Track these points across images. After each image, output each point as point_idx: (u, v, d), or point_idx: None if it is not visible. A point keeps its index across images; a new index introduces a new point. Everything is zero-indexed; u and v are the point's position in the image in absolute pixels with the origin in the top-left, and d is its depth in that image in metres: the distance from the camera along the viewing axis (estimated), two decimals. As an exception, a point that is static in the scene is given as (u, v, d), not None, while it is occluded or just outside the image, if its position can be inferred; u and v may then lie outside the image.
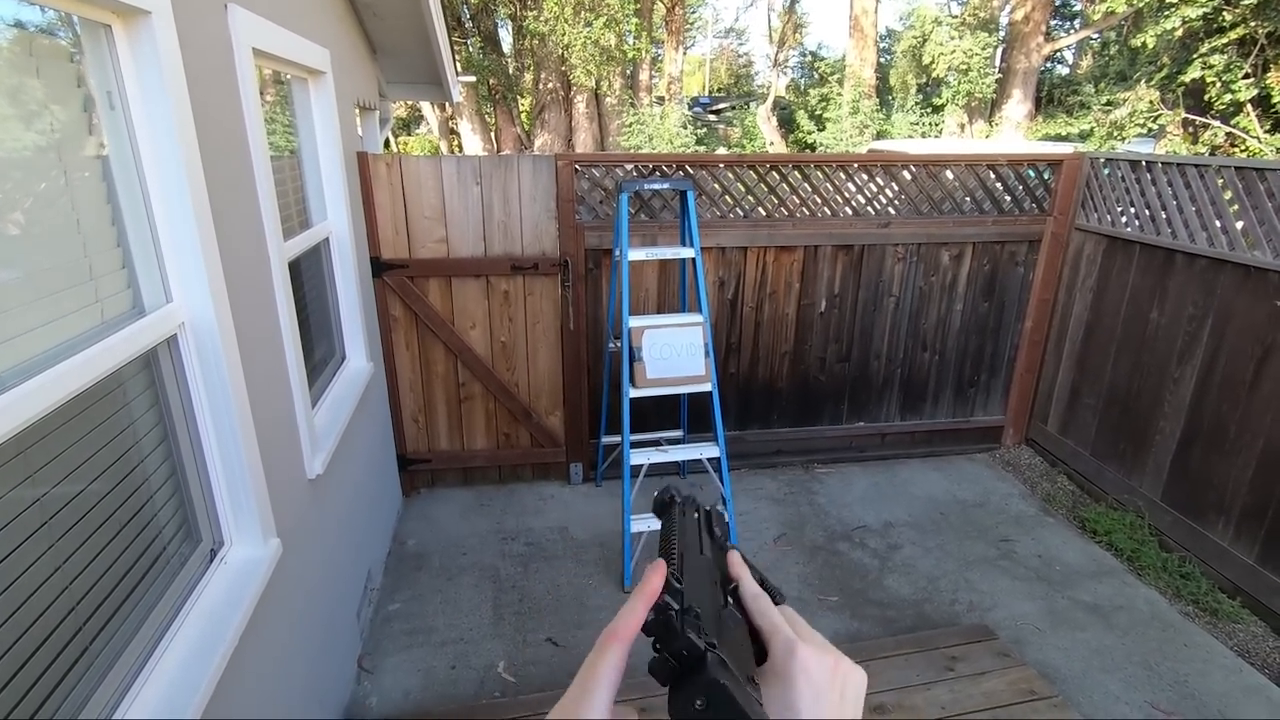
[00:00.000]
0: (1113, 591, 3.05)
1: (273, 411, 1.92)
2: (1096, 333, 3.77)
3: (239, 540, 1.70)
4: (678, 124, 15.74)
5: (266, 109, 2.58)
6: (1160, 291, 3.35)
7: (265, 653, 1.72)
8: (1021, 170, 3.86)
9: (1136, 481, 3.48)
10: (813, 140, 15.99)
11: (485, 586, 3.07)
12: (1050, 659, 2.67)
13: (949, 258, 3.92)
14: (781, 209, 3.72)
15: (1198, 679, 2.57)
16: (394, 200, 3.37)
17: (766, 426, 4.09)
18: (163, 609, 1.42)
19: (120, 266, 1.41)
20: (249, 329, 1.78)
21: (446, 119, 16.32)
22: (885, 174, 3.77)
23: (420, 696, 2.48)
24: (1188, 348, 3.21)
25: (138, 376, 1.46)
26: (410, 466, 3.77)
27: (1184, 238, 3.21)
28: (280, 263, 2.05)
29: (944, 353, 4.10)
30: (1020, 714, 2.23)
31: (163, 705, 1.27)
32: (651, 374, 3.01)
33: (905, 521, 3.58)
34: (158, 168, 1.44)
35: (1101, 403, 3.72)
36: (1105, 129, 12.06)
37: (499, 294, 3.58)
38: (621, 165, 3.60)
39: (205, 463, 1.61)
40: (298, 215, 2.67)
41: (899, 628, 2.84)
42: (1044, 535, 3.46)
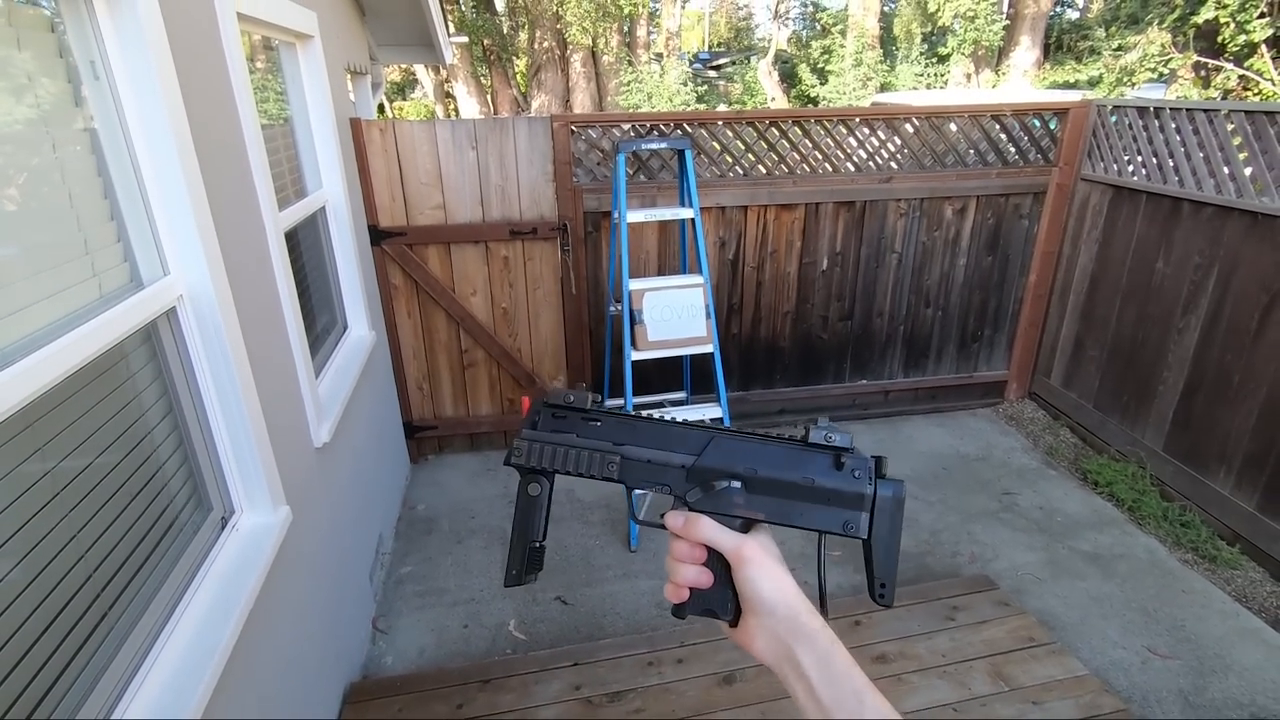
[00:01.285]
0: (1113, 541, 3.09)
1: (276, 382, 1.93)
2: (1101, 284, 3.74)
3: (249, 508, 1.73)
4: (677, 81, 15.43)
5: (256, 76, 2.54)
6: (1166, 241, 3.31)
7: (280, 616, 1.77)
8: (1027, 120, 3.78)
9: (1139, 433, 3.50)
10: (815, 94, 15.65)
11: (494, 548, 3.13)
12: (1050, 607, 2.72)
13: (952, 212, 3.87)
14: (782, 166, 3.67)
15: (1195, 623, 2.62)
16: (389, 166, 3.34)
17: (769, 386, 4.10)
18: (177, 576, 1.45)
19: (115, 240, 1.41)
20: (248, 300, 1.78)
21: (441, 82, 16.02)
22: (887, 128, 3.70)
23: (434, 654, 2.55)
24: (1193, 297, 3.18)
25: (139, 349, 1.47)
26: (417, 434, 3.81)
27: (1191, 186, 3.16)
28: (276, 233, 2.04)
29: (947, 308, 4.09)
30: (1019, 660, 2.29)
31: (181, 667, 1.31)
32: (653, 336, 3.02)
33: (908, 477, 3.61)
34: (146, 138, 1.42)
35: (1105, 355, 3.72)
36: (1115, 75, 11.76)
37: (498, 260, 3.57)
38: (618, 125, 3.54)
39: (212, 433, 1.63)
40: (293, 184, 2.65)
41: (901, 579, 2.87)
42: (1046, 487, 3.49)
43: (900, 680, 2.22)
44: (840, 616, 2.50)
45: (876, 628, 2.45)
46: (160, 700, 1.24)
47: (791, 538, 0.73)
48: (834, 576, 2.91)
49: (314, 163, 2.83)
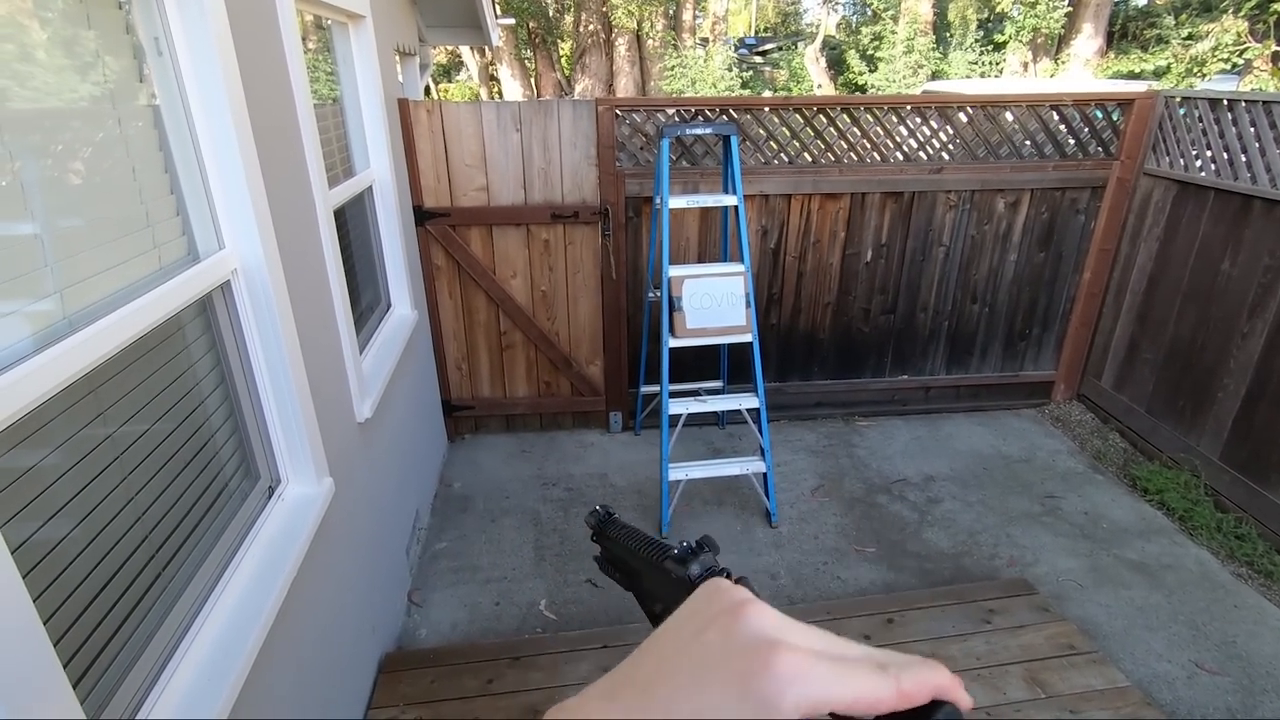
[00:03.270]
0: (1161, 550, 2.98)
1: (322, 357, 1.98)
2: (1160, 285, 3.58)
3: (295, 479, 1.78)
4: (722, 66, 15.21)
5: (308, 55, 2.58)
6: (1234, 240, 3.16)
7: (322, 583, 1.82)
8: (1088, 111, 3.63)
9: (1194, 440, 3.36)
10: (864, 82, 15.28)
11: (527, 529, 3.17)
12: (1092, 615, 2.65)
13: (1004, 205, 3.75)
14: (828, 154, 3.59)
15: (1247, 640, 2.52)
16: (435, 147, 3.37)
17: (807, 378, 4.05)
18: (226, 541, 1.50)
19: (175, 214, 1.45)
20: (298, 276, 1.82)
21: (486, 65, 16.09)
22: (939, 116, 3.59)
23: (467, 629, 2.60)
24: (1260, 300, 3.03)
25: (195, 321, 1.51)
26: (455, 412, 3.87)
27: (1264, 182, 3.00)
28: (326, 210, 2.08)
29: (994, 305, 3.97)
30: (1057, 667, 2.23)
31: (230, 626, 1.36)
32: (691, 324, 3.00)
33: (947, 475, 3.54)
34: (206, 115, 1.46)
35: (1161, 357, 3.57)
36: (1184, 65, 11.22)
37: (539, 243, 3.58)
38: (663, 110, 3.51)
39: (261, 405, 1.68)
40: (341, 163, 2.70)
41: (936, 580, 2.84)
42: (1092, 492, 3.38)
43: (932, 681, 2.19)
44: (873, 613, 2.47)
45: (910, 626, 2.41)
46: (209, 659, 1.29)
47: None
48: (867, 573, 2.89)
49: (362, 142, 2.87)
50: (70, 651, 1.05)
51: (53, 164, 1.13)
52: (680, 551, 0.47)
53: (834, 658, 0.28)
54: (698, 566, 0.45)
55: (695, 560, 0.46)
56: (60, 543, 1.06)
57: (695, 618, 0.32)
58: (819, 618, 2.41)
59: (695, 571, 0.45)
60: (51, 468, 1.06)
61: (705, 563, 0.45)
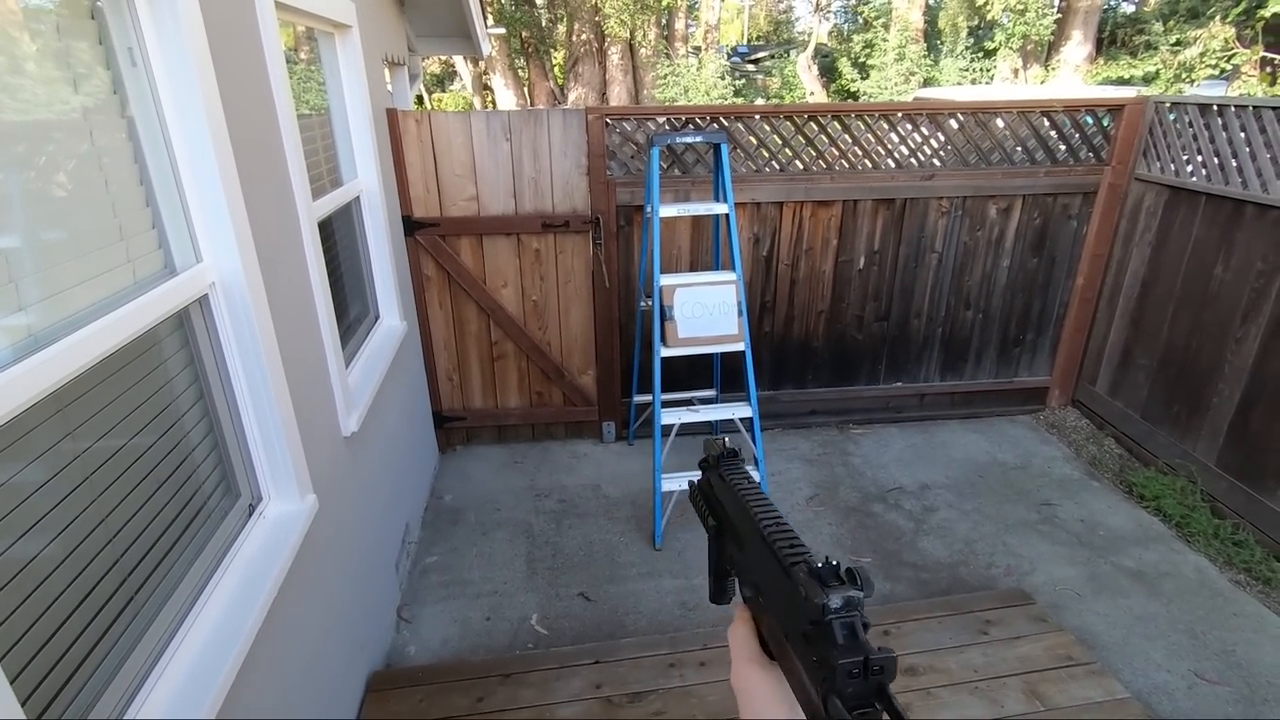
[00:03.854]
0: (1159, 558, 2.96)
1: (306, 370, 1.94)
2: (1154, 290, 3.58)
3: (276, 496, 1.74)
4: (715, 75, 15.29)
5: (296, 66, 2.56)
6: (1226, 245, 3.15)
7: (305, 603, 1.78)
8: (1078, 117, 3.63)
9: (1190, 445, 3.34)
10: (855, 89, 15.37)
11: (519, 541, 3.12)
12: (1090, 625, 2.62)
13: (996, 211, 3.74)
14: (819, 162, 3.58)
15: (1246, 648, 2.49)
16: (424, 158, 3.35)
17: (801, 386, 4.02)
18: (205, 560, 1.47)
19: (150, 227, 1.42)
20: (280, 289, 1.79)
21: (479, 74, 16.12)
22: (930, 123, 3.59)
23: (457, 646, 2.56)
24: (1254, 305, 3.02)
25: (172, 336, 1.48)
26: (446, 424, 3.83)
27: (1256, 187, 2.99)
28: (310, 222, 2.05)
29: (988, 311, 3.96)
30: (1056, 679, 2.20)
31: (207, 649, 1.32)
32: (683, 333, 2.97)
33: (943, 483, 3.52)
34: (182, 126, 1.43)
35: (1156, 363, 3.56)
36: (1173, 71, 11.30)
37: (530, 252, 3.56)
38: (653, 118, 3.50)
39: (241, 421, 1.64)
40: (328, 174, 2.67)
41: (933, 590, 2.81)
42: (1088, 499, 3.36)
43: (930, 694, 2.15)
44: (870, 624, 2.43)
45: (906, 638, 2.38)
46: (185, 683, 1.25)
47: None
48: (863, 583, 2.84)
49: (349, 153, 2.85)
50: (32, 683, 1.01)
51: (22, 176, 1.10)
52: (823, 569, 0.42)
53: None
54: (839, 599, 0.40)
55: (838, 591, 0.40)
56: (26, 565, 1.02)
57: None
58: (814, 630, 2.37)
59: (835, 605, 0.40)
60: (15, 486, 1.02)
61: (850, 600, 0.40)
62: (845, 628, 0.39)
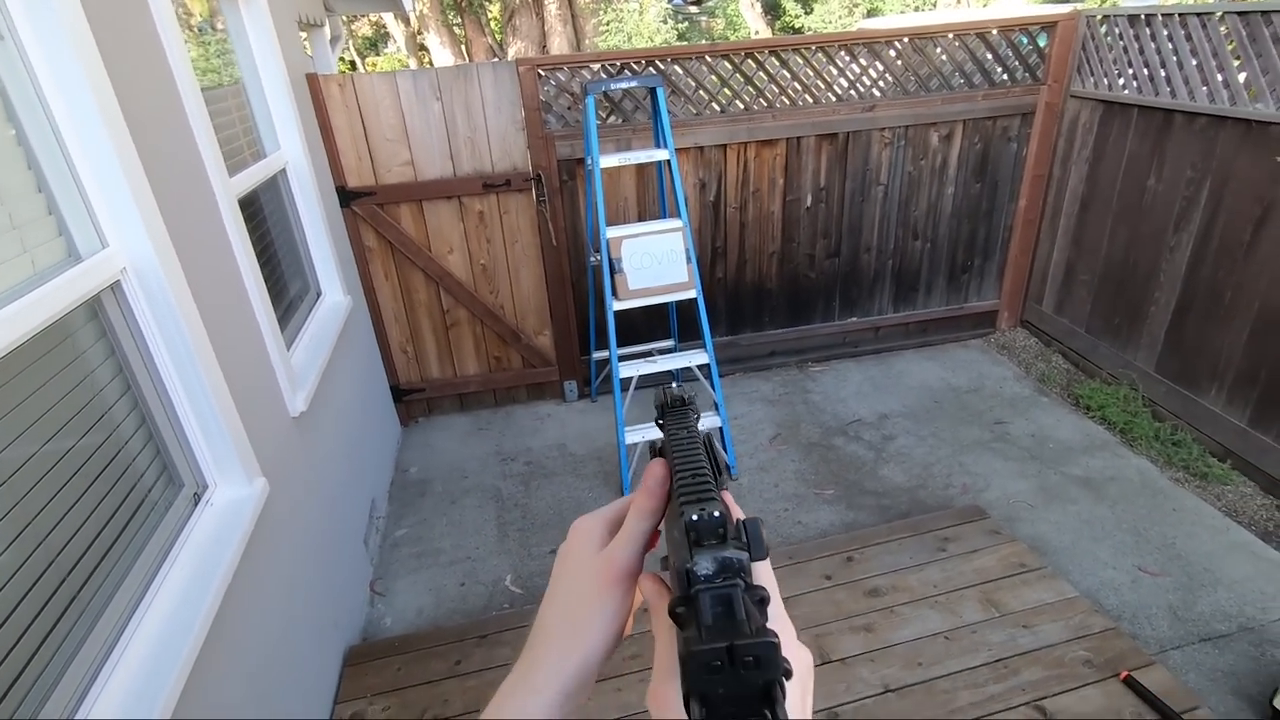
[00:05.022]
0: (1104, 464, 3.09)
1: (241, 352, 1.88)
2: (1092, 206, 3.65)
3: (223, 482, 1.70)
4: (657, 19, 14.86)
5: (204, 35, 2.41)
6: (1158, 156, 3.21)
7: (264, 587, 1.76)
8: (1014, 37, 3.62)
9: (1131, 355, 3.46)
10: (800, 24, 15.10)
11: (488, 506, 3.13)
12: (1042, 533, 2.74)
13: (938, 139, 3.75)
14: (760, 100, 3.53)
15: (1185, 540, 2.64)
16: (352, 124, 3.21)
17: (759, 329, 4.05)
18: (150, 554, 1.44)
19: (46, 213, 1.34)
20: (203, 271, 1.72)
21: (413, 34, 15.43)
22: (869, 53, 3.55)
23: (433, 613, 2.58)
24: (1185, 213, 3.10)
25: (86, 327, 1.41)
26: (405, 397, 3.78)
27: (1184, 96, 3.04)
28: (229, 199, 1.96)
29: (936, 240, 4.00)
30: (1010, 586, 2.31)
31: (160, 642, 1.30)
32: (634, 285, 2.95)
33: (900, 412, 3.60)
34: (66, 104, 1.34)
35: (1097, 278, 3.65)
36: (1109, -15, 11.29)
37: (473, 215, 3.47)
38: (588, 66, 3.39)
39: (174, 409, 1.59)
40: (248, 147, 2.55)
41: (894, 514, 2.90)
42: (1038, 415, 3.48)
43: (892, 612, 2.25)
44: (834, 553, 2.51)
45: (869, 563, 2.46)
46: (138, 678, 1.23)
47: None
48: (827, 515, 2.93)
49: (269, 123, 2.72)
50: (-29, 689, 0.98)
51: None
52: (701, 520, 0.31)
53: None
54: (710, 564, 0.30)
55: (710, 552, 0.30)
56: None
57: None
58: (781, 564, 2.45)
59: (704, 571, 0.29)
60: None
61: (728, 564, 0.30)
62: (718, 603, 0.28)
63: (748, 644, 0.26)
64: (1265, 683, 2.06)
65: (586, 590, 0.41)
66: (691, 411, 0.48)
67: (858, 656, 2.08)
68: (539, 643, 0.41)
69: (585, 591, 0.41)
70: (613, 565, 0.41)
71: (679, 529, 0.32)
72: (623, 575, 0.41)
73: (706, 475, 0.37)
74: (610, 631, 0.40)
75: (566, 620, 0.41)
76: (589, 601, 0.40)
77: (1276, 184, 2.69)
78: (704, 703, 0.26)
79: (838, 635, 2.16)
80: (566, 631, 0.40)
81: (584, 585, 0.41)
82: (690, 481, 0.36)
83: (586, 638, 0.40)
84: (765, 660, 0.26)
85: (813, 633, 2.16)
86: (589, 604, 0.40)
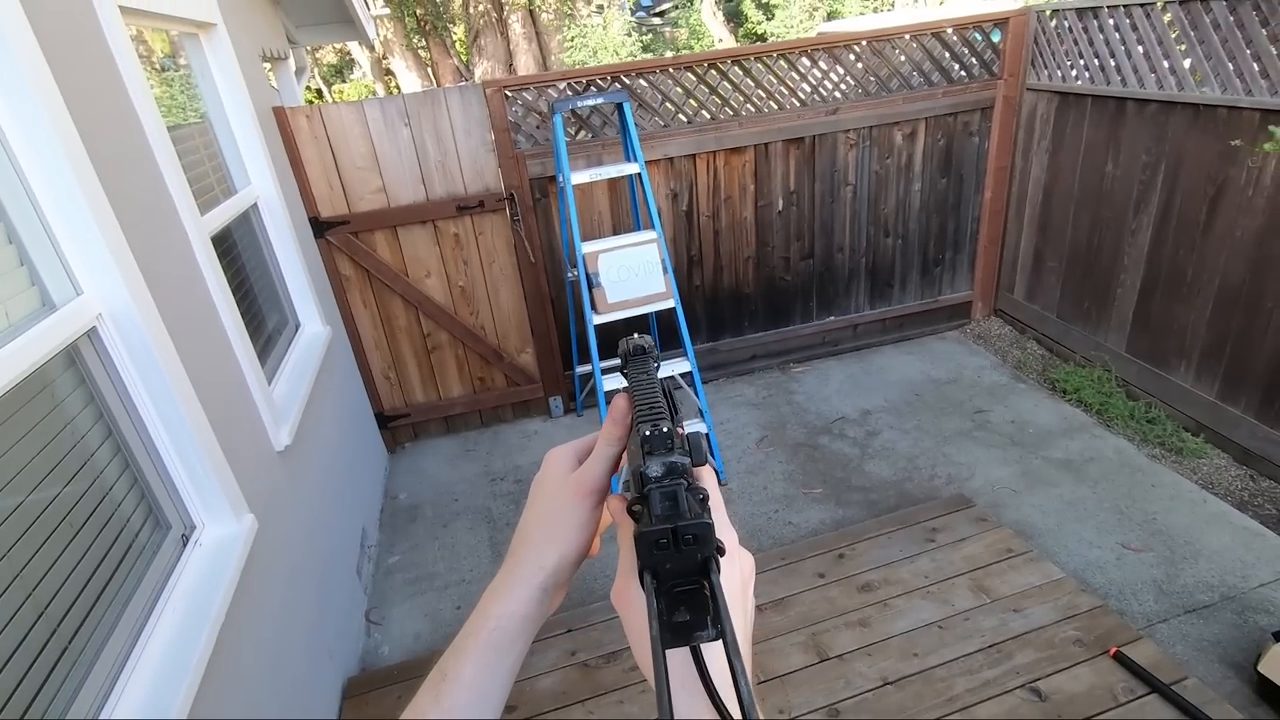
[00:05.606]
0: (1083, 445, 3.15)
1: (222, 390, 1.88)
2: (1055, 194, 3.74)
3: (210, 522, 1.70)
4: (621, 33, 15.01)
5: (167, 74, 2.41)
6: (1114, 143, 3.31)
7: (258, 624, 1.75)
8: (968, 34, 3.71)
9: (1102, 336, 3.55)
10: (763, 30, 15.31)
11: (480, 528, 3.13)
12: (1027, 517, 2.79)
13: (902, 137, 3.82)
14: (726, 109, 3.59)
15: (1165, 515, 2.70)
16: (322, 154, 3.22)
17: (739, 334, 4.09)
18: (140, 600, 1.43)
19: (17, 264, 1.34)
20: (179, 310, 1.72)
21: (379, 59, 15.43)
22: (829, 57, 3.62)
23: (430, 639, 2.57)
24: (1143, 196, 3.19)
25: (64, 375, 1.41)
26: (390, 423, 3.77)
27: (1134, 84, 3.13)
28: (201, 237, 1.96)
29: (906, 236, 4.07)
30: (998, 571, 2.35)
31: (154, 688, 1.29)
32: (612, 298, 2.98)
33: (882, 407, 3.65)
34: (31, 151, 1.34)
35: (1064, 264, 3.74)
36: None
37: (449, 238, 3.48)
38: (554, 85, 3.43)
39: (158, 452, 1.59)
40: (219, 184, 2.55)
41: (882, 508, 2.94)
42: (1016, 401, 3.54)
43: (886, 605, 2.27)
44: (825, 551, 2.54)
45: (860, 558, 2.49)
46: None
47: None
48: (817, 514, 2.96)
49: (238, 159, 2.72)
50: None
51: None
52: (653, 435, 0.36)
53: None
54: (659, 466, 0.35)
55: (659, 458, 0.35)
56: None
57: None
58: (774, 565, 2.47)
59: (654, 472, 0.34)
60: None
61: (673, 467, 0.35)
62: (666, 498, 0.34)
63: (687, 524, 0.32)
64: (1249, 649, 2.11)
65: (561, 503, 0.47)
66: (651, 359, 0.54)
67: (854, 652, 2.11)
68: (521, 546, 0.47)
69: (560, 504, 0.47)
70: (584, 482, 0.47)
71: (635, 442, 0.38)
72: (592, 490, 0.47)
73: (660, 405, 0.43)
74: (583, 537, 0.47)
75: (544, 526, 0.47)
76: (564, 511, 0.47)
77: (1227, 164, 2.78)
78: (655, 575, 0.32)
79: (834, 632, 2.18)
80: (545, 535, 0.47)
81: (560, 499, 0.47)
82: (646, 410, 0.42)
83: (563, 540, 0.46)
84: (701, 538, 0.32)
85: (809, 631, 2.18)
86: (564, 513, 0.47)
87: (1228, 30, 2.66)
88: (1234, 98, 2.70)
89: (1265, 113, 2.59)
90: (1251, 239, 2.73)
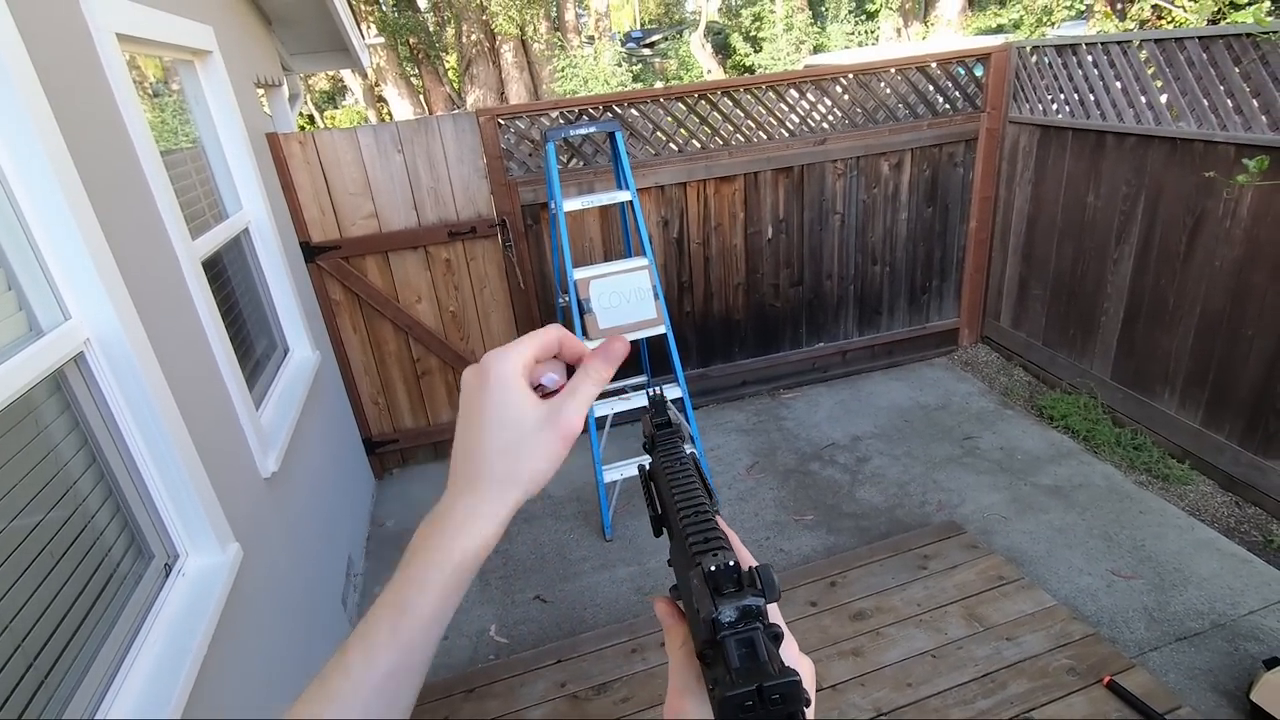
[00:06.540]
0: (1071, 472, 3.17)
1: (210, 416, 1.86)
2: (1038, 224, 3.81)
3: (194, 551, 1.67)
4: (611, 63, 15.25)
5: (162, 99, 2.42)
6: (1095, 175, 3.38)
7: (241, 656, 1.71)
8: (951, 69, 3.81)
9: (1087, 364, 3.59)
10: (750, 63, 15.64)
11: (469, 555, 3.08)
12: (1017, 543, 2.79)
13: (889, 167, 3.90)
14: (716, 139, 3.64)
15: (1154, 542, 2.71)
16: (314, 179, 3.23)
17: (729, 360, 4.10)
18: (120, 631, 1.39)
19: (6, 288, 1.33)
20: (168, 335, 1.70)
21: (371, 86, 15.59)
22: (817, 89, 3.70)
23: (417, 670, 2.51)
24: (1124, 227, 3.26)
25: (50, 401, 1.39)
26: (378, 449, 3.73)
27: (1113, 118, 3.22)
28: (192, 262, 1.96)
29: (894, 264, 4.13)
30: (990, 599, 2.34)
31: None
32: (604, 324, 2.98)
33: (872, 434, 3.66)
34: (23, 177, 1.33)
35: (1048, 292, 3.80)
36: (1034, 16, 11.95)
37: (440, 263, 3.49)
38: (546, 114, 3.47)
39: (142, 479, 1.56)
40: (210, 209, 2.55)
41: (873, 535, 2.93)
42: (1004, 428, 3.57)
43: (879, 635, 2.26)
44: (817, 579, 2.52)
45: (852, 586, 2.48)
46: (112, 763, 1.19)
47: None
48: (808, 541, 2.95)
49: (230, 184, 2.72)
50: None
51: None
52: (718, 570, 0.33)
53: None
54: (733, 611, 0.32)
55: (731, 600, 0.32)
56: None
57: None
58: (766, 593, 2.44)
59: (728, 618, 0.32)
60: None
61: (748, 611, 0.32)
62: (742, 646, 0.32)
63: (774, 684, 0.30)
64: (1241, 677, 2.11)
65: (529, 433, 0.43)
66: (678, 436, 0.50)
67: (848, 682, 2.09)
68: (481, 480, 0.43)
69: (531, 438, 0.43)
70: (563, 423, 0.43)
71: (698, 577, 0.34)
72: (571, 435, 0.43)
73: (711, 519, 0.39)
74: (546, 477, 0.43)
75: (511, 459, 0.43)
76: (536, 447, 0.43)
77: (1205, 196, 2.85)
78: None
79: (827, 662, 2.16)
80: (510, 471, 0.43)
81: (527, 427, 0.43)
82: (695, 523, 0.39)
83: (530, 480, 0.43)
84: (789, 696, 0.30)
85: (802, 661, 2.15)
86: (533, 447, 0.43)
87: (1201, 67, 2.75)
88: (1209, 132, 2.78)
89: (1239, 146, 2.66)
90: (1230, 268, 2.79)
